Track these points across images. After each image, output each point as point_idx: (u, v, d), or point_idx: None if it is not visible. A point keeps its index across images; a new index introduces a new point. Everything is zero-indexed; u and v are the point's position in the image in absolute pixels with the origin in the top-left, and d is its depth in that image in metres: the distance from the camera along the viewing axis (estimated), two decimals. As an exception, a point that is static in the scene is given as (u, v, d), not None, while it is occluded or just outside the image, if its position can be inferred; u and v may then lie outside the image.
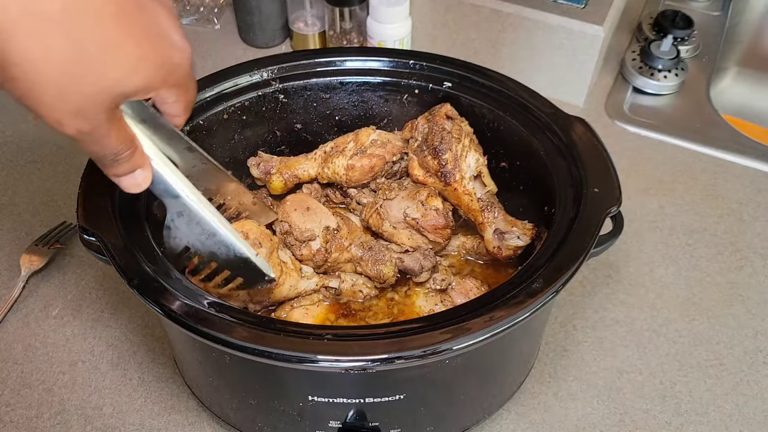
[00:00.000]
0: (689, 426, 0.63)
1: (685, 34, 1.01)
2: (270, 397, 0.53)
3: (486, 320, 0.45)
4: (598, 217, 0.53)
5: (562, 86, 0.93)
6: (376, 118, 0.71)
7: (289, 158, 0.70)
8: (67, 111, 0.36)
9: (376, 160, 0.66)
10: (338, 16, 0.95)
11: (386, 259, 0.61)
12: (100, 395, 0.64)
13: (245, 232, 0.54)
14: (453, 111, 0.65)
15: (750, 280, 0.74)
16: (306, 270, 0.61)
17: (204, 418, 0.63)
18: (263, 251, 0.54)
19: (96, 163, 0.42)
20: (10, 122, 0.91)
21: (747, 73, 1.14)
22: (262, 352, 0.44)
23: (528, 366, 0.64)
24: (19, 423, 0.62)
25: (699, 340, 0.69)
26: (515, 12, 0.90)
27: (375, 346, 0.44)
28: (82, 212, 0.52)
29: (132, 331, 0.69)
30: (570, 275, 0.49)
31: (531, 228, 0.62)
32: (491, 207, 0.63)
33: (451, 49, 0.98)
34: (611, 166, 0.57)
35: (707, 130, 0.91)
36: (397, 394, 0.50)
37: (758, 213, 0.81)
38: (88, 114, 0.37)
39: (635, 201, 0.82)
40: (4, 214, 0.80)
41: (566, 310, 0.71)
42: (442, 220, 0.62)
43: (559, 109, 0.62)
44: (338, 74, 0.68)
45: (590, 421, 0.63)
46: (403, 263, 0.62)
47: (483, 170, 0.65)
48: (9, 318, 0.70)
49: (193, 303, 0.46)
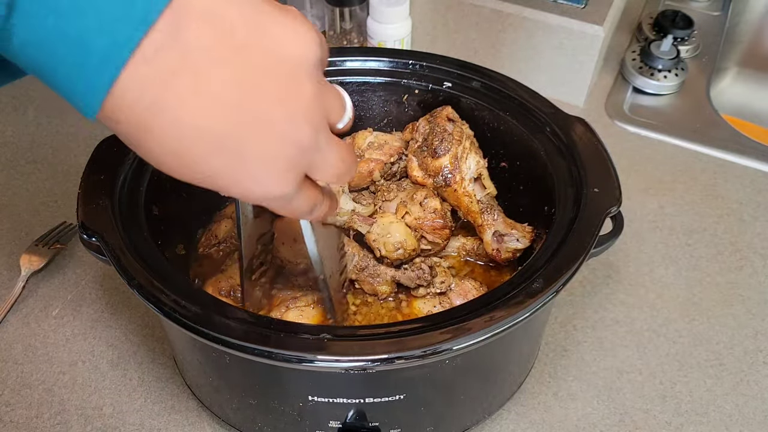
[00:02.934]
0: (689, 426, 0.63)
1: (685, 34, 1.01)
2: (270, 397, 0.53)
3: (486, 320, 0.45)
4: (598, 217, 0.53)
5: (562, 86, 0.93)
6: (376, 119, 0.71)
7: None
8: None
9: (374, 164, 0.66)
10: (338, 16, 0.95)
11: (381, 279, 0.61)
12: (100, 395, 0.64)
13: None
14: (454, 114, 0.65)
15: (750, 280, 0.74)
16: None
17: (204, 418, 0.63)
18: None
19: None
20: (10, 122, 0.91)
21: (747, 73, 1.14)
22: (262, 352, 0.44)
23: (528, 366, 0.64)
24: (19, 423, 0.62)
25: (699, 340, 0.69)
26: (515, 12, 0.90)
27: (375, 346, 0.44)
28: (82, 212, 0.52)
29: (132, 331, 0.69)
30: (570, 275, 0.49)
31: (530, 231, 0.62)
32: (491, 209, 0.63)
33: (451, 49, 0.98)
34: (611, 166, 0.57)
35: (707, 130, 0.91)
36: (397, 394, 0.50)
37: (758, 213, 0.81)
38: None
39: (635, 201, 0.82)
40: (4, 214, 0.80)
41: (566, 310, 0.71)
42: (441, 221, 0.62)
43: (559, 109, 0.62)
44: (338, 74, 0.68)
45: (590, 421, 0.63)
46: (398, 281, 0.61)
47: (483, 172, 0.65)
48: (9, 318, 0.70)
49: (193, 303, 0.46)
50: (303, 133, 0.34)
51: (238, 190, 0.35)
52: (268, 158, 0.34)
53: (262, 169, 0.34)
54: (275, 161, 0.34)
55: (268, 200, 0.37)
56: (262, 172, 0.34)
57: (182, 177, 0.34)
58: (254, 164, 0.34)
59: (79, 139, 0.88)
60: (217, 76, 0.31)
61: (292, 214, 0.40)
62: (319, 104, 0.35)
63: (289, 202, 0.38)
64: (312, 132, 0.35)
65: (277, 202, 0.37)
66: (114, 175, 0.55)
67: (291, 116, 0.34)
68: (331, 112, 0.37)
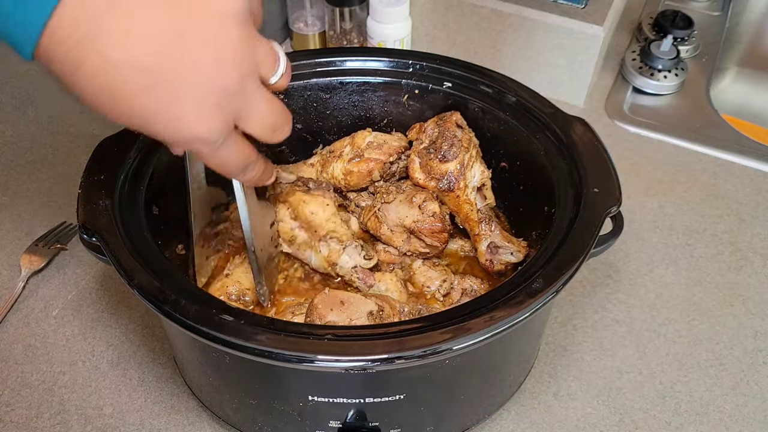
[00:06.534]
0: (689, 426, 0.63)
1: (685, 34, 1.01)
2: (270, 397, 0.53)
3: (486, 320, 0.45)
4: (598, 217, 0.53)
5: (562, 86, 0.93)
6: (376, 119, 0.71)
7: (288, 166, 0.70)
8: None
9: (373, 164, 0.66)
10: (338, 16, 0.95)
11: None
12: (100, 395, 0.64)
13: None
14: (462, 120, 0.65)
15: (750, 280, 0.74)
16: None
17: (204, 418, 0.63)
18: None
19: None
20: (10, 122, 0.91)
21: (747, 73, 1.14)
22: (262, 352, 0.44)
23: (528, 366, 0.64)
24: (19, 423, 0.62)
25: (699, 340, 0.69)
26: (515, 12, 0.90)
27: (375, 346, 0.44)
28: (82, 212, 0.52)
29: (132, 331, 0.69)
30: (570, 275, 0.49)
31: (525, 246, 0.62)
32: (489, 220, 0.63)
33: (451, 49, 0.98)
34: (611, 166, 0.57)
35: (707, 130, 0.91)
36: (397, 394, 0.50)
37: (758, 213, 0.81)
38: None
39: (635, 201, 0.82)
40: (4, 214, 0.80)
41: (566, 310, 0.71)
42: (439, 224, 0.62)
43: (559, 109, 0.62)
44: (338, 74, 0.68)
45: (590, 421, 0.63)
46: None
47: (487, 183, 0.65)
48: (9, 318, 0.70)
49: (193, 303, 0.46)
50: (229, 77, 0.36)
51: (168, 131, 0.37)
52: (195, 98, 0.36)
53: (189, 109, 0.36)
54: (202, 102, 0.36)
55: (197, 142, 0.38)
56: (190, 112, 0.36)
57: (117, 118, 0.36)
58: (182, 103, 0.36)
59: (79, 139, 0.88)
60: (146, 16, 0.33)
61: (223, 166, 0.41)
62: (248, 52, 0.37)
63: (218, 149, 0.39)
64: (238, 76, 0.37)
65: (205, 147, 0.39)
66: (114, 175, 0.55)
67: (217, 58, 0.35)
68: (262, 64, 0.39)
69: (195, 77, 0.35)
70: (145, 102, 0.35)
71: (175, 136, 0.38)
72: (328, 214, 0.63)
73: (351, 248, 0.61)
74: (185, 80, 0.35)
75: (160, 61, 0.34)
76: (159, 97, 0.35)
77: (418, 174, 0.64)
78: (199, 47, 0.35)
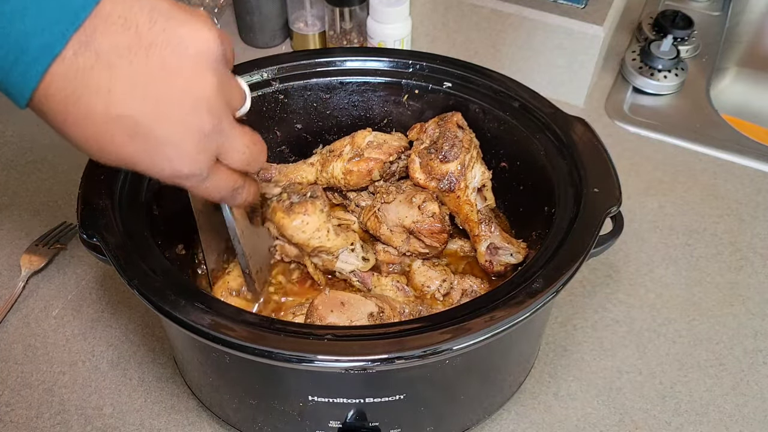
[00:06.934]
0: (689, 426, 0.63)
1: (685, 34, 1.01)
2: (270, 397, 0.53)
3: (486, 320, 0.45)
4: (598, 217, 0.53)
5: (562, 86, 0.93)
6: (376, 119, 0.71)
7: (288, 165, 0.70)
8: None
9: (373, 164, 0.66)
10: (338, 16, 0.95)
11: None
12: (100, 395, 0.64)
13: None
14: (463, 121, 0.65)
15: (750, 280, 0.74)
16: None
17: (204, 418, 0.63)
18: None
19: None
20: (10, 122, 0.91)
21: (747, 73, 1.14)
22: (262, 352, 0.44)
23: (528, 366, 0.64)
24: (19, 423, 0.62)
25: (699, 340, 0.69)
26: (515, 12, 0.90)
27: (375, 346, 0.44)
28: (82, 212, 0.52)
29: (132, 331, 0.69)
30: (570, 275, 0.49)
31: (525, 248, 0.62)
32: (489, 221, 0.63)
33: (451, 49, 0.98)
34: (611, 166, 0.57)
35: (707, 130, 0.91)
36: (397, 394, 0.50)
37: (758, 213, 0.81)
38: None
39: (635, 201, 0.82)
40: (4, 214, 0.80)
41: (566, 310, 0.71)
42: (439, 225, 0.62)
43: (559, 109, 0.62)
44: (338, 74, 0.68)
45: (590, 421, 0.63)
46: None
47: (487, 184, 0.65)
48: (9, 318, 0.70)
49: (193, 303, 0.46)
50: (205, 120, 0.39)
51: (154, 171, 0.40)
52: (175, 142, 0.38)
53: (170, 151, 0.39)
54: (182, 144, 0.39)
55: (182, 179, 0.41)
56: (171, 154, 0.39)
57: (107, 162, 0.39)
58: (163, 148, 0.38)
59: (79, 139, 0.88)
60: (127, 73, 0.35)
61: (211, 195, 0.44)
62: (221, 94, 0.39)
63: (203, 182, 0.42)
64: (213, 119, 0.39)
65: (189, 182, 0.42)
66: (114, 175, 0.55)
67: (194, 104, 0.38)
68: (232, 101, 0.42)
69: (174, 123, 0.38)
70: (130, 149, 0.38)
71: (161, 175, 0.40)
72: (310, 231, 0.60)
73: (344, 254, 0.62)
74: (165, 127, 0.38)
75: (141, 112, 0.36)
76: (141, 144, 0.38)
77: (418, 174, 0.64)
78: (177, 95, 0.37)
